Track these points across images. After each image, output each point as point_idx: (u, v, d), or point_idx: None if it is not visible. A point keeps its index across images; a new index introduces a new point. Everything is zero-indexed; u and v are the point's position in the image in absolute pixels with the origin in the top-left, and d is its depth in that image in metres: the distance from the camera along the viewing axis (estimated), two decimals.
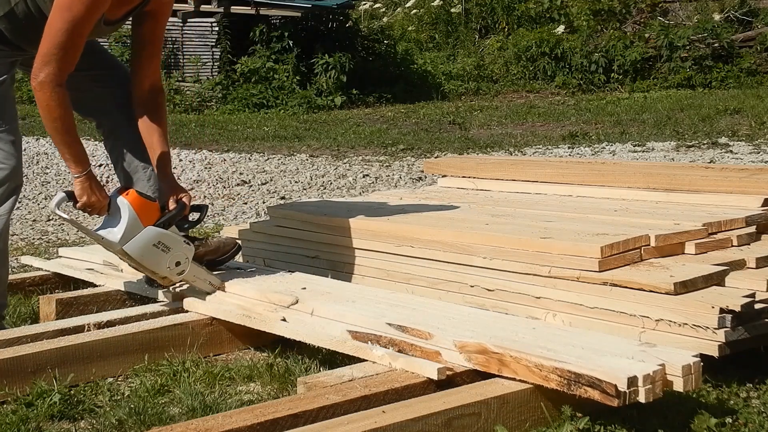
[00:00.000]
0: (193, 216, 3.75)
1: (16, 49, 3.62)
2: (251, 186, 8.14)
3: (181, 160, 9.57)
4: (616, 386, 2.58)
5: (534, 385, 2.76)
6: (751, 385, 3.16)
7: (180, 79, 15.88)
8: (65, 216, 3.43)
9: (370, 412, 2.65)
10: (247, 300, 3.65)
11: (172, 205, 3.63)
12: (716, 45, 15.29)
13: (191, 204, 3.69)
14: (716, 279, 3.27)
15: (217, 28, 15.88)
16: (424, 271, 3.86)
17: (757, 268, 3.45)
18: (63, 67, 3.36)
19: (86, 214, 3.65)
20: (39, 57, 3.36)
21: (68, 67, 3.38)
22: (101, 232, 3.47)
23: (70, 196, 3.45)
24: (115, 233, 3.45)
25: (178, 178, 4.98)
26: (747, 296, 3.13)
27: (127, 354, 3.39)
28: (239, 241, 4.06)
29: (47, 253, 5.27)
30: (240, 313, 3.58)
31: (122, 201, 3.47)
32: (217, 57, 15.92)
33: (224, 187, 8.07)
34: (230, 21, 15.88)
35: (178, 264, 3.56)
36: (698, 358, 2.76)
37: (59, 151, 3.48)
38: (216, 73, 15.85)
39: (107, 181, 7.91)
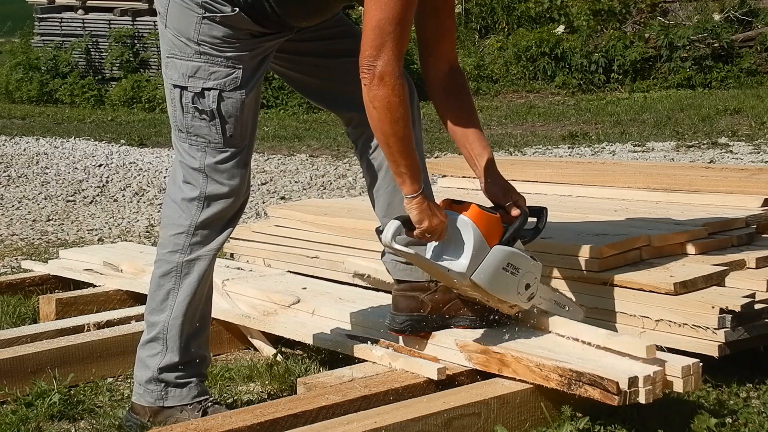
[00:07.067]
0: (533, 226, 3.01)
1: (278, 30, 2.76)
2: (251, 186, 8.12)
3: None
4: (617, 384, 2.59)
5: (534, 385, 2.76)
6: (751, 385, 3.16)
7: None
8: (407, 250, 2.74)
9: (370, 412, 2.65)
10: (247, 300, 3.65)
11: (514, 213, 2.90)
12: (716, 45, 15.28)
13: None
14: (716, 279, 3.27)
15: None
16: None
17: (757, 268, 3.45)
18: (401, 48, 2.59)
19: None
20: (369, 39, 2.58)
21: (404, 49, 2.62)
22: (445, 263, 2.79)
23: (406, 222, 2.73)
24: (459, 262, 2.78)
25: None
26: (747, 296, 3.13)
27: (127, 354, 3.38)
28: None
29: (47, 253, 5.26)
30: (240, 313, 3.58)
31: (464, 220, 2.80)
32: None
33: None
34: None
35: (528, 287, 2.89)
36: (698, 359, 2.77)
37: (393, 164, 2.69)
38: None
39: (106, 182, 7.91)
